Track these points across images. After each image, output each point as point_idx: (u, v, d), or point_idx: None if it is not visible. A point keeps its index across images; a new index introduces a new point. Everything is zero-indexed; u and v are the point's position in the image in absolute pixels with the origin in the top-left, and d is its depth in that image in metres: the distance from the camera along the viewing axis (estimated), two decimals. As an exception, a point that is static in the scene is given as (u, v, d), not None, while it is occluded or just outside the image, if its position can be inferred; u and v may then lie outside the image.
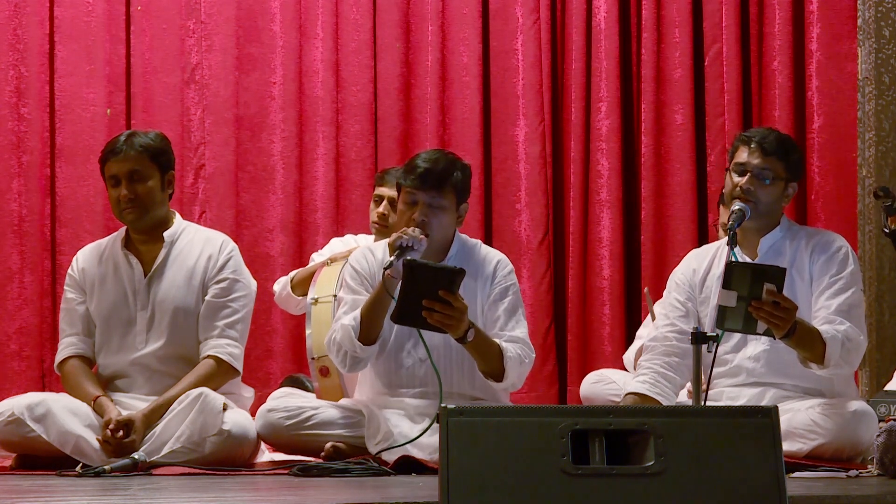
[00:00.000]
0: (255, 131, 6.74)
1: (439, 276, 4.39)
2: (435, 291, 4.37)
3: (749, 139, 4.67)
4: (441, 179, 4.69)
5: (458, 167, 4.75)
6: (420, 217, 4.66)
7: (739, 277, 4.19)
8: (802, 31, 6.66)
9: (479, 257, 4.84)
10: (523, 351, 4.70)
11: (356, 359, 4.69)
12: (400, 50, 6.80)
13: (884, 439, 4.17)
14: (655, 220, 6.69)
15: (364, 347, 4.66)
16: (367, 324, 4.65)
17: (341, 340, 4.68)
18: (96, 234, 5.92)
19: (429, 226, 4.67)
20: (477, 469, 2.88)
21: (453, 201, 4.73)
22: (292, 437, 4.79)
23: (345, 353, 4.69)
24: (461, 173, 4.75)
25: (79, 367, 4.90)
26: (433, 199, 4.69)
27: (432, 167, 4.70)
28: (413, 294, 4.38)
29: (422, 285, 4.38)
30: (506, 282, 4.81)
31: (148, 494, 3.78)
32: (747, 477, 2.92)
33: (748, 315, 4.22)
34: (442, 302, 4.38)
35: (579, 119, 6.73)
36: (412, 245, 4.55)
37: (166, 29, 6.67)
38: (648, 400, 4.63)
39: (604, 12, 6.71)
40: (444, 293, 4.37)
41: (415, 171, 4.71)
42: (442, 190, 4.69)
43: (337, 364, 4.79)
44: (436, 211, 4.69)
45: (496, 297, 4.78)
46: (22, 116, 6.58)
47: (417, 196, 4.69)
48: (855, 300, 4.63)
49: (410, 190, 4.70)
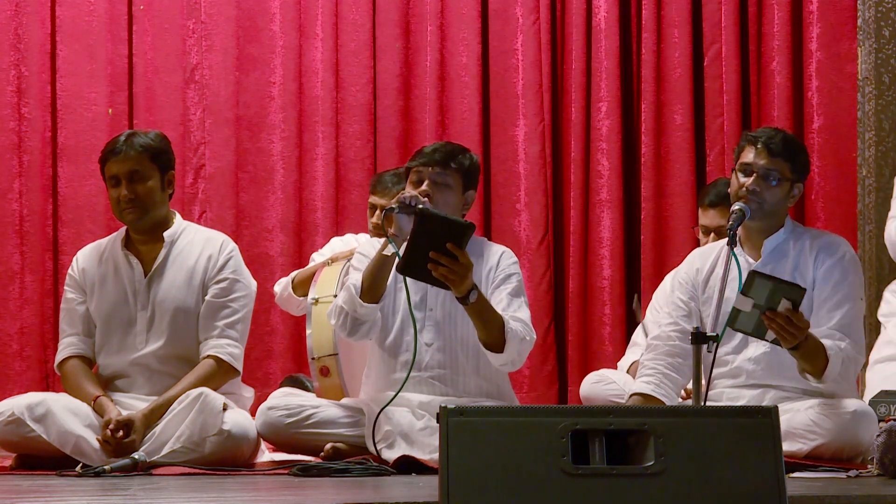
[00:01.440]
0: (255, 131, 6.74)
1: (449, 227, 4.40)
2: (443, 244, 4.38)
3: (756, 139, 4.65)
4: (447, 157, 4.73)
5: (465, 153, 4.81)
6: (427, 190, 4.68)
7: (759, 288, 4.19)
8: (802, 31, 6.66)
9: (484, 249, 4.86)
10: (525, 329, 4.69)
11: (356, 320, 4.67)
12: (400, 50, 6.80)
13: (884, 439, 4.17)
14: (655, 220, 6.69)
15: (364, 304, 4.63)
16: (368, 281, 4.64)
17: (343, 302, 4.68)
18: (98, 234, 5.92)
19: (433, 199, 4.67)
20: (477, 469, 2.88)
21: (459, 182, 4.75)
22: (292, 435, 4.79)
23: (346, 314, 4.67)
24: (468, 159, 4.79)
25: (79, 367, 4.90)
26: (438, 176, 4.71)
27: (440, 147, 4.78)
28: (421, 244, 4.39)
29: (430, 236, 4.38)
30: (509, 269, 4.82)
31: (148, 494, 3.78)
32: (747, 477, 2.92)
33: (760, 321, 4.22)
34: (449, 256, 4.38)
35: (579, 119, 6.74)
36: (413, 203, 4.56)
37: (167, 29, 6.68)
38: (653, 401, 4.62)
39: (604, 12, 6.71)
40: (452, 247, 4.38)
41: (422, 152, 4.79)
42: (447, 167, 4.72)
43: (337, 329, 4.76)
44: (441, 188, 4.71)
45: (499, 281, 4.79)
46: (23, 116, 6.58)
47: (423, 173, 4.72)
48: (856, 313, 4.63)
49: (417, 168, 4.74)
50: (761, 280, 4.21)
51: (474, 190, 4.84)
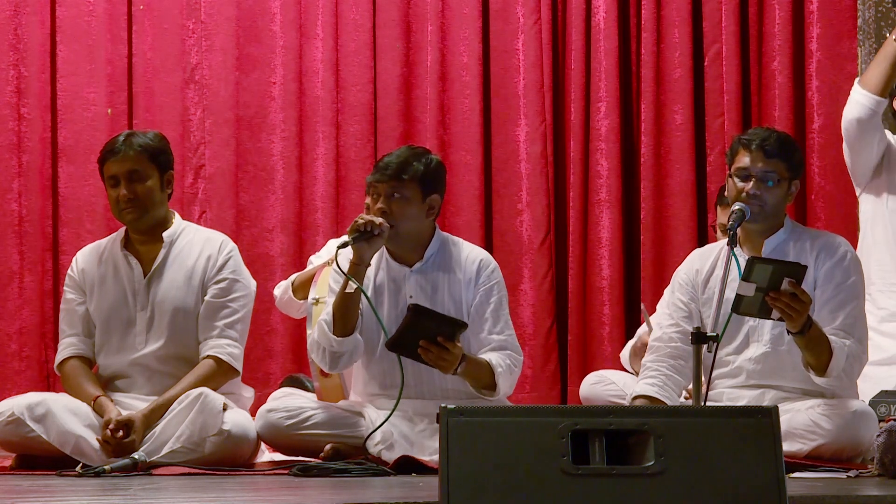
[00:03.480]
0: (255, 131, 6.73)
1: (442, 324, 4.52)
2: (434, 336, 4.49)
3: (749, 142, 4.64)
4: (399, 170, 4.70)
5: (420, 159, 4.75)
6: (382, 207, 4.68)
7: (760, 272, 4.21)
8: (802, 31, 6.65)
9: (460, 256, 4.84)
10: (512, 358, 4.72)
11: (334, 354, 4.68)
12: (400, 50, 6.80)
13: (884, 439, 4.17)
14: (655, 219, 6.69)
15: (340, 340, 4.65)
16: (339, 314, 4.65)
17: (318, 338, 4.70)
18: (97, 235, 5.91)
19: (391, 216, 4.67)
20: (477, 469, 2.88)
21: (416, 192, 4.72)
22: (292, 437, 4.78)
23: (323, 349, 4.70)
24: (424, 165, 4.74)
25: (79, 367, 4.90)
26: (393, 189, 4.69)
27: (392, 160, 4.74)
28: (413, 332, 4.51)
29: (422, 329, 4.51)
30: (489, 281, 4.82)
31: (148, 494, 3.78)
32: (747, 477, 2.92)
33: (764, 303, 4.24)
34: (439, 347, 4.49)
35: (579, 119, 6.73)
36: (370, 229, 4.57)
37: (167, 29, 6.67)
38: (657, 402, 4.62)
39: (603, 12, 6.71)
40: (443, 340, 4.50)
41: (376, 167, 4.77)
42: (401, 180, 4.70)
43: (319, 364, 4.79)
44: (397, 201, 4.70)
45: (482, 298, 4.79)
46: (22, 116, 6.58)
47: (378, 188, 4.71)
48: (859, 312, 4.64)
49: (372, 183, 4.74)
50: (761, 265, 4.23)
51: (439, 193, 4.80)
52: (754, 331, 4.66)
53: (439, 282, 4.80)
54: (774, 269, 4.23)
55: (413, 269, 4.80)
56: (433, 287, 4.79)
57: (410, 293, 4.77)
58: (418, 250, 4.80)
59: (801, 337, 4.39)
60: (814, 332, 4.39)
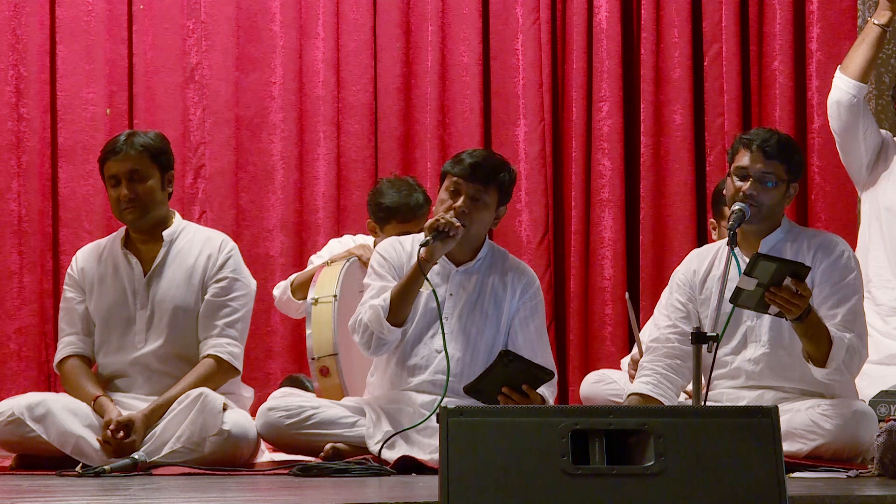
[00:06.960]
0: (255, 131, 6.73)
1: (530, 372, 4.51)
2: (519, 384, 4.49)
3: (750, 142, 4.64)
4: (489, 174, 4.71)
5: (506, 168, 4.79)
6: (462, 208, 4.67)
7: (763, 269, 4.21)
8: (803, 31, 6.66)
9: (509, 265, 4.86)
10: (554, 378, 4.69)
11: (381, 340, 4.68)
12: (400, 50, 6.80)
13: (884, 439, 4.17)
14: (654, 219, 6.69)
15: (392, 329, 4.65)
16: (396, 305, 4.65)
17: (368, 321, 4.67)
18: (97, 234, 5.92)
19: (468, 218, 4.67)
20: (477, 469, 2.88)
21: (495, 200, 4.75)
22: (292, 436, 4.78)
23: (371, 333, 4.68)
24: (508, 175, 4.78)
25: (78, 366, 4.90)
26: (477, 192, 4.70)
27: (482, 161, 4.73)
28: (497, 378, 4.49)
29: (509, 376, 4.49)
30: (535, 298, 4.85)
31: (148, 494, 3.78)
32: (747, 477, 2.92)
33: (762, 298, 4.25)
34: (521, 394, 4.50)
35: (580, 119, 6.73)
36: (448, 231, 4.57)
37: (167, 29, 6.67)
38: (651, 401, 4.62)
39: (604, 12, 6.71)
40: (527, 388, 4.50)
41: (463, 163, 4.73)
42: (487, 185, 4.71)
43: (360, 346, 4.75)
44: (478, 205, 4.70)
45: (527, 313, 4.81)
46: (22, 116, 6.58)
47: (462, 187, 4.70)
48: (858, 309, 4.63)
49: (456, 179, 4.71)
50: (766, 262, 4.23)
51: (506, 206, 4.84)
52: (752, 331, 4.66)
53: (484, 285, 4.80)
54: (778, 267, 4.23)
55: (459, 268, 4.81)
56: (476, 289, 4.80)
57: (451, 291, 4.78)
58: (470, 252, 4.81)
59: (799, 324, 4.39)
60: (813, 319, 4.39)
